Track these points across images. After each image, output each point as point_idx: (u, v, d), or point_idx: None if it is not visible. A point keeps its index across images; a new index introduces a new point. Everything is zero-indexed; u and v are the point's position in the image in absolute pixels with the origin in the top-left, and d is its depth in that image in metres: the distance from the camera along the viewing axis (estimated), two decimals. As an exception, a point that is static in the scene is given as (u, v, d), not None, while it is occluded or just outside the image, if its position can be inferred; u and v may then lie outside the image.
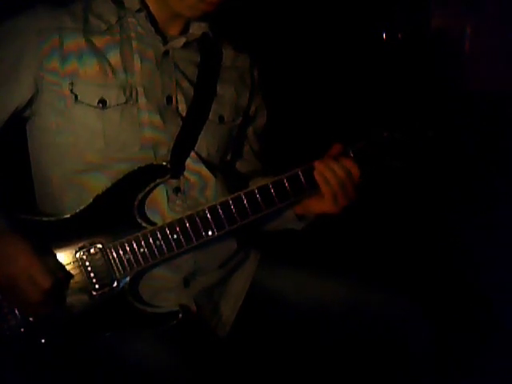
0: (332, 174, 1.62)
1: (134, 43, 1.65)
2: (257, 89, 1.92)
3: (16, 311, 1.53)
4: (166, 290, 1.66)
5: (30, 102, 1.63)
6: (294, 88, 2.90)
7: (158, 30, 1.67)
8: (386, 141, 1.68)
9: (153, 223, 1.59)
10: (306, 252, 2.26)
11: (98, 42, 1.62)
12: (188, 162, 1.67)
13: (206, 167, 1.70)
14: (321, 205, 1.70)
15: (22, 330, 1.54)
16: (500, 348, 2.48)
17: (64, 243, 1.57)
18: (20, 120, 1.67)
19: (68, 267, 1.56)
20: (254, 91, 1.91)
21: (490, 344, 2.51)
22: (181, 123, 1.67)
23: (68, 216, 1.58)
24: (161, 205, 1.63)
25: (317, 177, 1.64)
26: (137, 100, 1.63)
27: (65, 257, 1.56)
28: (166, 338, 1.61)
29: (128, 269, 1.58)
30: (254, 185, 1.63)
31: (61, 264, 1.55)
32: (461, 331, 2.51)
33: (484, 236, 2.95)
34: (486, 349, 2.48)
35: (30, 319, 1.53)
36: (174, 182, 1.64)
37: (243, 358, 1.86)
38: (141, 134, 1.62)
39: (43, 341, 1.55)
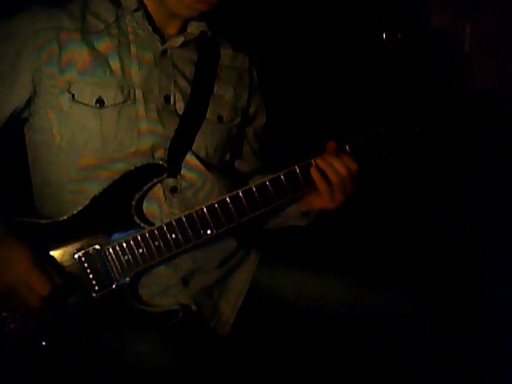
0: (332, 171, 1.62)
1: (132, 43, 1.65)
2: (256, 89, 1.92)
3: (16, 314, 1.53)
4: (165, 290, 1.66)
5: (28, 103, 1.62)
6: (294, 87, 2.90)
7: (156, 29, 1.67)
8: (382, 136, 1.68)
9: (151, 223, 1.59)
10: (306, 251, 2.26)
11: (96, 41, 1.62)
12: (185, 161, 1.67)
13: (204, 167, 1.70)
14: (319, 201, 1.70)
15: (23, 332, 1.53)
16: (500, 347, 2.48)
17: (62, 245, 1.56)
18: (18, 121, 1.67)
19: (67, 269, 1.56)
20: (253, 91, 1.91)
21: (490, 343, 2.51)
22: (179, 122, 1.67)
23: (65, 217, 1.57)
24: (158, 204, 1.63)
25: (314, 174, 1.64)
26: (134, 99, 1.63)
27: (63, 259, 1.56)
28: (167, 338, 1.61)
29: (127, 269, 1.58)
30: (253, 183, 1.62)
31: (59, 268, 1.55)
32: (461, 330, 2.51)
33: (484, 234, 2.94)
34: (487, 347, 2.48)
35: (31, 322, 1.53)
36: (170, 181, 1.64)
37: (243, 357, 1.86)
38: (138, 134, 1.62)
39: (44, 343, 1.54)
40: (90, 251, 1.56)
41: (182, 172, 1.67)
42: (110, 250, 1.57)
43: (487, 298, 2.75)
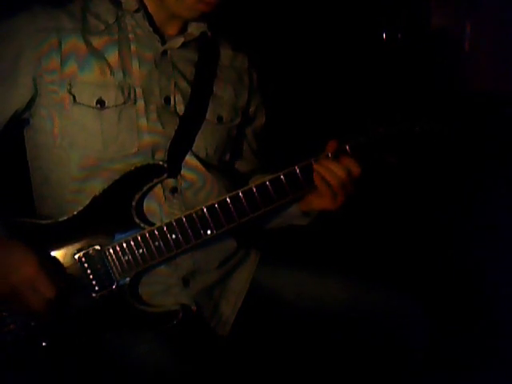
0: (331, 175, 1.62)
1: (132, 43, 1.65)
2: (255, 89, 1.92)
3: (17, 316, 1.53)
4: (165, 290, 1.66)
5: (29, 104, 1.62)
6: (294, 87, 2.90)
7: (156, 30, 1.67)
8: (382, 136, 1.68)
9: (151, 223, 1.59)
10: (306, 252, 2.26)
11: (97, 42, 1.62)
12: (185, 161, 1.67)
13: (204, 167, 1.70)
14: (320, 202, 1.70)
15: (23, 333, 1.53)
16: (500, 347, 2.48)
17: (62, 245, 1.56)
18: (18, 122, 1.67)
19: (67, 270, 1.56)
20: (253, 92, 1.91)
21: (490, 343, 2.51)
22: (179, 123, 1.67)
23: (65, 218, 1.57)
24: (158, 205, 1.63)
25: (315, 178, 1.64)
26: (135, 100, 1.63)
27: (63, 259, 1.56)
28: (167, 338, 1.61)
29: (127, 270, 1.58)
30: (253, 183, 1.62)
31: (62, 270, 1.55)
32: (461, 330, 2.51)
33: (484, 235, 2.94)
34: (486, 347, 2.48)
35: (31, 323, 1.53)
36: (171, 181, 1.64)
37: (243, 357, 1.86)
38: (139, 135, 1.62)
39: (44, 344, 1.54)
40: (90, 252, 1.56)
41: (182, 172, 1.67)
42: (110, 250, 1.57)
43: (487, 297, 2.75)
